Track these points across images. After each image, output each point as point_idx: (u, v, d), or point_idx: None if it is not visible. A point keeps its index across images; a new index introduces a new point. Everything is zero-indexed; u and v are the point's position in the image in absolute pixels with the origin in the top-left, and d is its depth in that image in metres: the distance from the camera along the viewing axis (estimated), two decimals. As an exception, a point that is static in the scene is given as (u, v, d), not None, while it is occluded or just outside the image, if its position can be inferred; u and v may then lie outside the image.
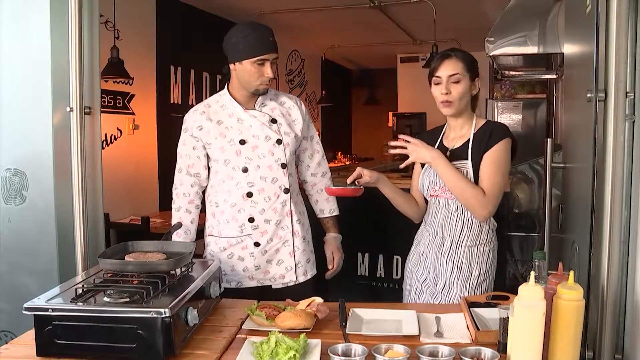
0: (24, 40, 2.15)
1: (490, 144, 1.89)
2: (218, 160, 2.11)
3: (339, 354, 1.34)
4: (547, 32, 2.90)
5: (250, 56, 2.02)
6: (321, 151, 2.32)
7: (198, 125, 2.12)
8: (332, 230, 2.30)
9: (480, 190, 1.86)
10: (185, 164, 2.17)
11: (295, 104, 2.23)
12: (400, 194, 2.09)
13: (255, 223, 2.10)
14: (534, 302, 1.29)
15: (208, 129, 2.11)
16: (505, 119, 4.84)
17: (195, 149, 2.14)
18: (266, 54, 2.03)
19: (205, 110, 2.14)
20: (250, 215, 2.09)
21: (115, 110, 4.39)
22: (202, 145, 2.13)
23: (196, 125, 2.12)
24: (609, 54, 1.38)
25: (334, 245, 2.27)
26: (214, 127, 2.11)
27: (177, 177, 2.19)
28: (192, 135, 2.14)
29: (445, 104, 1.93)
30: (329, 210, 2.29)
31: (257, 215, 2.09)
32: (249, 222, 2.09)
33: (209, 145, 2.11)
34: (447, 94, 1.91)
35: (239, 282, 2.13)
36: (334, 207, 2.30)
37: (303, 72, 8.33)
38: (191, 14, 5.37)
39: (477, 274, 1.96)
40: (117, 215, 4.03)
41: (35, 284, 2.12)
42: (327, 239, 2.29)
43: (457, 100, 1.91)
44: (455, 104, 1.92)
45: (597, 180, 1.45)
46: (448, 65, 1.91)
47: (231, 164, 2.10)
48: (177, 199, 2.19)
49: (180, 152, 2.18)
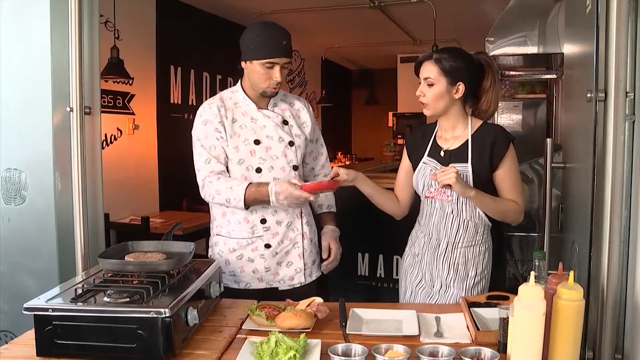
0: (24, 40, 2.15)
1: (499, 155, 1.91)
2: (232, 159, 2.08)
3: (339, 354, 1.35)
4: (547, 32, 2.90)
5: (259, 57, 2.00)
6: (325, 153, 2.32)
7: (219, 120, 2.07)
8: (330, 224, 2.26)
9: (513, 203, 1.93)
10: (212, 155, 2.06)
11: (304, 107, 2.23)
12: (380, 192, 2.09)
13: (267, 224, 2.09)
14: (534, 302, 1.29)
15: (225, 126, 2.07)
16: (505, 119, 4.84)
17: (219, 140, 2.06)
18: (275, 57, 2.00)
19: (222, 106, 2.10)
20: (263, 216, 2.08)
21: (115, 110, 4.39)
22: (223, 138, 2.06)
23: (217, 119, 2.06)
24: (609, 54, 1.38)
25: (332, 236, 2.22)
26: (229, 125, 2.08)
27: (206, 167, 2.05)
28: (215, 128, 2.06)
29: (422, 105, 1.97)
30: (327, 206, 2.28)
31: (269, 217, 2.08)
32: (261, 223, 2.08)
33: (225, 142, 2.08)
34: (421, 96, 1.95)
35: (248, 283, 2.12)
36: (332, 204, 2.29)
37: (303, 72, 8.33)
38: (191, 14, 5.37)
39: (474, 274, 1.96)
40: (117, 215, 4.02)
41: (35, 284, 2.12)
42: (325, 231, 2.24)
43: (430, 102, 1.94)
44: (431, 106, 1.95)
45: (597, 180, 1.45)
46: (424, 69, 1.94)
47: (245, 163, 2.07)
48: (215, 183, 2.03)
49: (205, 145, 2.06)
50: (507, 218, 1.96)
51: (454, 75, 1.91)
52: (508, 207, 1.92)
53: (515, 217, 1.95)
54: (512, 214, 1.94)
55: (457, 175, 1.77)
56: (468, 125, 1.98)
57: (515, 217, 1.95)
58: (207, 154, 2.07)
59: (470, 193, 1.82)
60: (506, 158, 1.91)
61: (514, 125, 4.90)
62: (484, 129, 1.97)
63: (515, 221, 1.98)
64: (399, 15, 6.01)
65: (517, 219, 1.96)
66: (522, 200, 1.96)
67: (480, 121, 2.00)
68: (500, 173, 1.92)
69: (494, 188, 1.94)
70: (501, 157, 1.91)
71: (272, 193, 1.96)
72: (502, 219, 1.96)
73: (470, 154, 1.92)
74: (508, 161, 1.92)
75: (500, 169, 1.92)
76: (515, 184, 1.94)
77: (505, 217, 1.96)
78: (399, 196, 2.13)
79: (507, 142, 1.92)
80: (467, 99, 1.98)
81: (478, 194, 1.84)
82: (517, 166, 1.96)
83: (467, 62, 1.94)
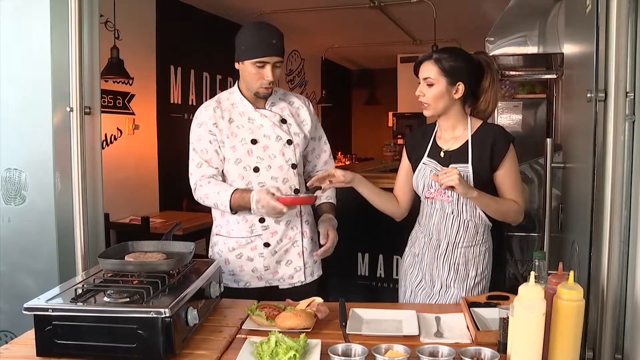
0: (24, 40, 2.15)
1: (500, 155, 1.91)
2: (230, 159, 2.09)
3: (339, 354, 1.35)
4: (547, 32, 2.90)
5: (250, 57, 2.01)
6: (328, 151, 2.31)
7: (213, 122, 2.09)
8: (328, 213, 2.22)
9: (514, 203, 1.93)
10: (203, 159, 2.09)
11: (304, 105, 2.23)
12: (378, 193, 2.08)
13: (265, 223, 2.09)
14: (534, 302, 1.29)
15: (221, 127, 2.09)
16: (505, 119, 4.84)
17: (212, 143, 2.09)
18: (266, 56, 2.01)
19: (218, 107, 2.11)
20: (262, 215, 2.08)
21: (115, 110, 4.39)
22: (217, 140, 2.09)
23: (212, 121, 2.09)
24: (609, 54, 1.38)
25: (330, 224, 2.16)
26: (226, 126, 2.09)
27: (198, 171, 2.09)
28: (209, 131, 2.09)
29: (422, 106, 1.97)
30: (326, 196, 2.24)
31: None
32: (259, 222, 2.08)
33: (222, 143, 2.09)
34: (421, 96, 1.95)
35: (248, 282, 2.13)
36: (331, 195, 2.26)
37: (303, 72, 8.33)
38: (191, 14, 5.37)
39: (474, 274, 1.96)
40: (117, 215, 4.02)
41: (35, 284, 2.12)
42: (322, 219, 2.19)
43: (430, 102, 1.94)
44: (431, 106, 1.95)
45: (597, 180, 1.45)
46: (423, 68, 1.94)
47: (242, 163, 2.08)
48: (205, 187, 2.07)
49: (197, 148, 2.10)
50: (508, 218, 1.96)
51: (454, 75, 1.91)
52: (508, 207, 1.92)
53: (516, 217, 1.95)
54: (512, 214, 1.94)
55: (460, 176, 1.77)
56: (468, 125, 1.98)
57: (516, 217, 1.95)
58: (199, 158, 2.10)
59: (473, 194, 1.81)
60: (506, 158, 1.92)
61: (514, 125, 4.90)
62: (484, 129, 1.97)
63: (515, 221, 1.98)
64: (399, 15, 6.01)
65: (517, 219, 1.96)
66: (522, 200, 1.96)
67: (480, 121, 2.00)
68: (501, 173, 1.92)
69: (494, 188, 1.94)
70: (501, 158, 1.91)
71: (253, 201, 1.98)
72: (503, 219, 1.96)
73: (470, 155, 1.92)
74: (508, 161, 1.92)
75: (501, 169, 1.92)
76: (515, 184, 1.95)
77: (506, 217, 1.96)
78: (399, 197, 2.13)
79: (508, 142, 1.92)
80: (467, 99, 1.98)
81: (480, 194, 1.84)
82: (517, 166, 1.96)
83: (467, 62, 1.94)
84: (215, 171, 2.10)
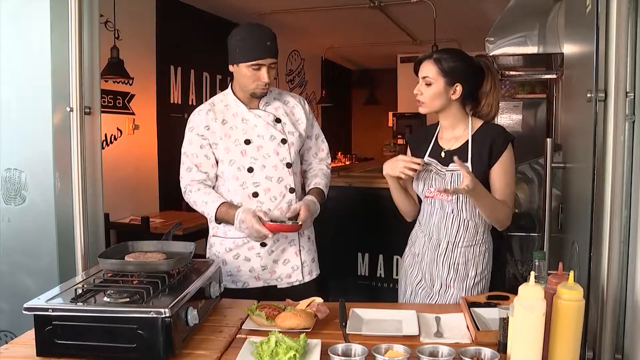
0: (24, 40, 2.15)
1: (498, 153, 1.91)
2: (223, 160, 2.10)
3: (339, 354, 1.35)
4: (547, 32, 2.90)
5: (246, 60, 2.01)
6: (326, 149, 2.31)
7: (205, 125, 2.10)
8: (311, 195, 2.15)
9: (506, 205, 1.91)
10: (193, 163, 2.12)
11: (299, 103, 2.23)
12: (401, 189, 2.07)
13: None
14: (534, 302, 1.29)
15: (214, 130, 2.10)
16: (505, 119, 4.84)
17: (202, 148, 2.11)
18: (262, 59, 2.01)
19: (210, 110, 2.12)
20: None
21: (115, 110, 4.39)
22: (209, 144, 2.11)
23: (203, 125, 2.11)
24: (609, 54, 1.38)
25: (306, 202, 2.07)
26: (219, 127, 2.10)
27: (187, 176, 2.12)
28: (199, 134, 2.11)
29: (418, 103, 1.98)
30: (315, 183, 2.20)
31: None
32: None
33: (215, 145, 2.10)
34: (418, 94, 1.96)
35: (245, 282, 2.13)
36: (321, 182, 2.20)
37: (303, 72, 8.33)
38: (191, 14, 5.37)
39: (474, 274, 1.96)
40: (117, 215, 4.02)
41: (35, 284, 2.12)
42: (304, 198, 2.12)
43: (427, 101, 1.94)
44: (427, 105, 1.95)
45: (597, 180, 1.45)
46: (423, 68, 1.95)
47: (236, 164, 2.09)
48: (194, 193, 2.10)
49: (187, 152, 2.13)
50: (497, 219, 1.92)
51: (453, 76, 1.91)
52: (501, 207, 1.90)
53: (505, 221, 1.94)
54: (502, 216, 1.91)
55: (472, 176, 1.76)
56: (469, 125, 1.98)
57: (505, 221, 1.94)
58: (189, 162, 2.12)
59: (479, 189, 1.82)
60: (503, 156, 1.91)
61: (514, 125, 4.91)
62: (485, 129, 1.97)
63: (503, 226, 1.96)
64: (399, 15, 6.01)
65: (505, 224, 1.95)
66: (512, 204, 1.94)
67: (481, 121, 2.00)
68: (495, 170, 1.91)
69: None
70: (498, 156, 1.91)
71: (237, 219, 1.99)
72: (494, 217, 1.92)
73: (470, 154, 1.92)
74: (504, 160, 1.91)
75: (496, 166, 1.91)
76: (509, 183, 1.93)
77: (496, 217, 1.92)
78: (413, 196, 2.12)
79: (507, 141, 1.92)
80: (466, 100, 1.98)
81: (478, 184, 1.83)
82: (512, 167, 1.94)
83: (467, 64, 1.94)
84: (204, 176, 2.12)
